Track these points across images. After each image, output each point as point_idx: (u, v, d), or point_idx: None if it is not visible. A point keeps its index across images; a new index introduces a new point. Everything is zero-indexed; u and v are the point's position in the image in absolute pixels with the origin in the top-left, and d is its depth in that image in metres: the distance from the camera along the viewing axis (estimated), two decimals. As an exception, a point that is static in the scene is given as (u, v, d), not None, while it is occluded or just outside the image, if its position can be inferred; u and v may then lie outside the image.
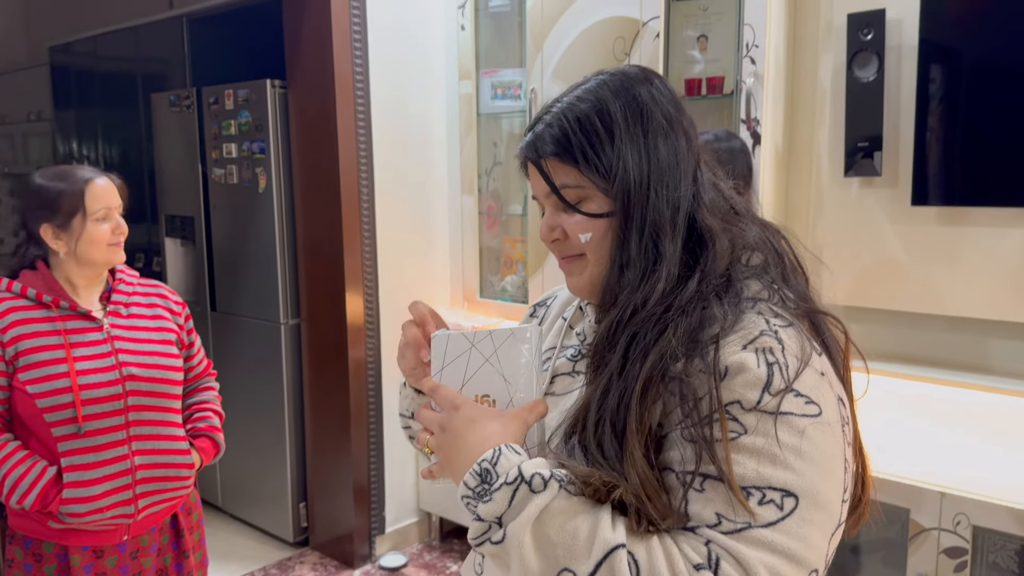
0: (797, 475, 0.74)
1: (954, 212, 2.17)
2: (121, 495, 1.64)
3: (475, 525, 0.76)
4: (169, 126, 3.56)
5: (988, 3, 2.04)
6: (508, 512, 0.74)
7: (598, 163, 0.86)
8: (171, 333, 1.78)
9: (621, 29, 2.52)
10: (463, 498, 0.78)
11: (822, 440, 0.76)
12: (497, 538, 0.74)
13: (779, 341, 0.79)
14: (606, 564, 0.71)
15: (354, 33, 2.86)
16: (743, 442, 0.74)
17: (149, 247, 4.04)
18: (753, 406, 0.75)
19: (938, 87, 2.12)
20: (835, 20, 2.29)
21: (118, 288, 1.75)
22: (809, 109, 2.39)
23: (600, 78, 0.90)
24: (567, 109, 0.89)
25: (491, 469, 0.77)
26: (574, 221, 0.89)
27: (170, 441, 1.73)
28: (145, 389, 1.68)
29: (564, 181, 0.88)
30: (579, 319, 1.01)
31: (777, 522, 0.72)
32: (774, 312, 0.83)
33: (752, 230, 0.90)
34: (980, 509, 1.95)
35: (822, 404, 0.78)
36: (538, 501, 0.74)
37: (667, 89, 0.91)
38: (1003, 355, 2.17)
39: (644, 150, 0.87)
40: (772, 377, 0.76)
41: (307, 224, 3.06)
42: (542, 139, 0.89)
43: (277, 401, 3.21)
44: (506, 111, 2.97)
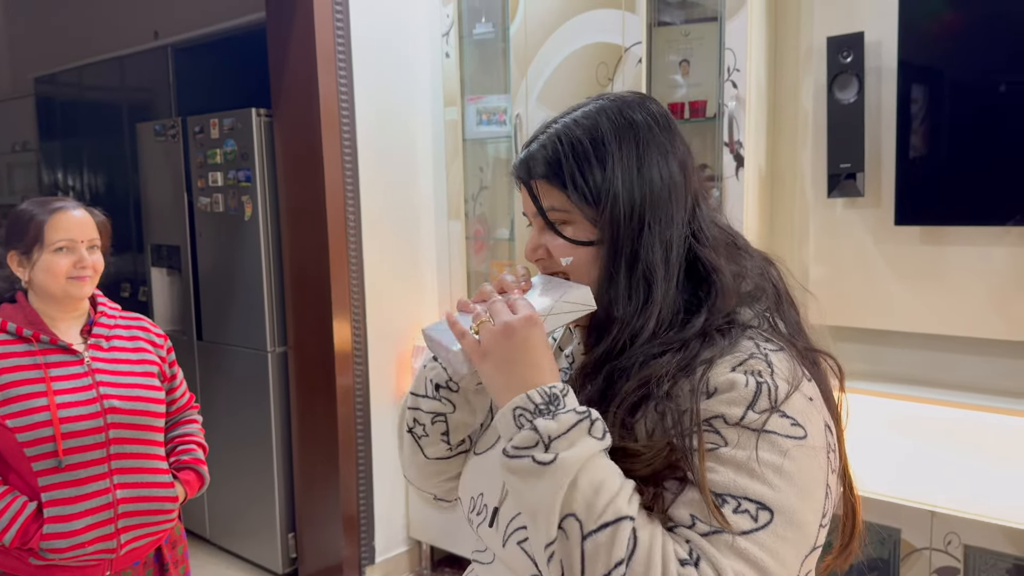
0: (774, 491, 0.74)
1: (937, 231, 2.19)
2: (103, 529, 1.62)
3: (524, 436, 0.76)
4: (154, 155, 3.55)
5: (965, 25, 2.07)
6: (560, 439, 0.75)
7: (586, 190, 0.87)
8: (153, 366, 1.76)
9: (604, 55, 2.54)
10: (516, 409, 0.78)
11: (805, 462, 0.77)
12: (544, 458, 0.74)
13: (768, 364, 0.80)
14: (611, 528, 0.72)
15: (339, 61, 2.87)
16: (722, 452, 0.76)
17: (135, 277, 4.02)
18: (736, 422, 0.76)
19: (918, 108, 2.14)
20: (815, 43, 2.32)
21: (99, 321, 1.73)
22: (791, 131, 2.41)
23: (599, 103, 0.91)
24: (562, 132, 0.89)
25: (560, 396, 0.78)
26: (557, 243, 0.90)
27: (152, 474, 1.70)
28: (127, 422, 1.66)
29: (551, 203, 0.89)
30: (568, 340, 1.01)
31: (750, 532, 0.73)
32: (765, 337, 0.84)
33: (752, 263, 0.91)
34: (971, 528, 1.95)
35: (808, 428, 0.78)
36: (593, 444, 0.76)
37: (664, 117, 0.91)
38: (989, 373, 2.17)
39: (638, 180, 0.87)
40: (758, 396, 0.77)
41: (293, 252, 3.05)
42: (534, 159, 0.90)
43: (264, 430, 3.18)
44: (492, 136, 2.99)
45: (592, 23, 2.56)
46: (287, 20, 2.88)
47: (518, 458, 0.76)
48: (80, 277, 1.65)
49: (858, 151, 2.22)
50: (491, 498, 0.92)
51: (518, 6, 2.74)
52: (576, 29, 2.60)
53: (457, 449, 1.01)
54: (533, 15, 2.70)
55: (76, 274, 1.65)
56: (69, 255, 1.64)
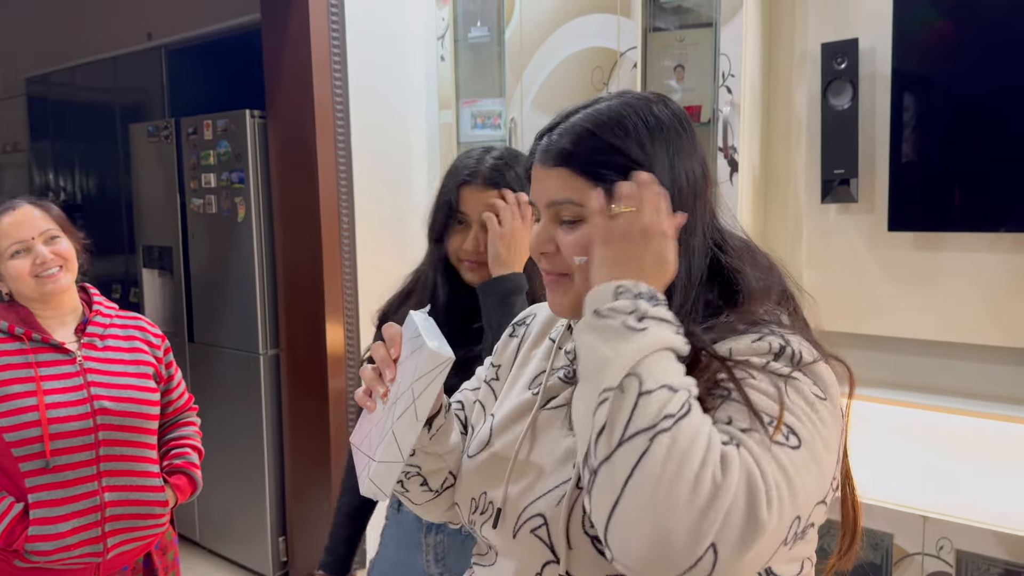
0: (803, 424, 0.74)
1: (931, 237, 2.20)
2: (89, 533, 1.60)
3: (623, 303, 0.75)
4: (147, 156, 3.54)
5: (959, 33, 2.08)
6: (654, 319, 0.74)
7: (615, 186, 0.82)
8: (148, 367, 1.74)
9: (599, 59, 2.54)
10: (619, 287, 0.76)
11: (827, 417, 0.76)
12: (635, 325, 0.73)
13: (786, 340, 0.80)
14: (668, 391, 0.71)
15: (334, 63, 2.87)
16: (754, 383, 0.75)
17: (126, 278, 4.00)
18: (762, 367, 0.76)
19: (912, 114, 2.15)
20: (809, 49, 2.33)
21: (94, 320, 1.71)
22: (785, 137, 2.42)
23: (623, 98, 0.87)
24: (590, 123, 0.84)
25: (662, 302, 0.77)
26: (570, 239, 0.85)
27: (143, 477, 1.68)
28: (117, 423, 1.63)
29: (570, 196, 0.84)
30: (567, 339, 0.99)
31: (781, 444, 0.72)
32: (780, 324, 0.84)
33: (762, 268, 0.90)
34: (963, 533, 1.95)
35: (828, 393, 0.78)
36: (680, 342, 0.75)
37: (685, 118, 0.88)
38: (982, 379, 2.18)
39: (668, 178, 0.83)
40: (781, 355, 0.77)
41: (286, 253, 3.04)
42: (559, 147, 0.85)
43: (256, 433, 3.16)
44: (486, 140, 2.98)
45: (587, 28, 2.56)
46: (282, 21, 2.88)
47: (608, 318, 0.74)
48: (47, 274, 1.62)
49: (852, 157, 2.23)
50: (496, 498, 0.91)
51: (513, 10, 2.74)
52: (571, 34, 2.61)
53: (443, 489, 1.01)
54: (528, 19, 2.71)
55: (40, 272, 1.61)
56: (27, 256, 1.61)
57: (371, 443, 0.91)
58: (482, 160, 1.44)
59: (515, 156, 1.47)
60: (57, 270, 1.63)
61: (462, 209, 1.42)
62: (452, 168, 1.47)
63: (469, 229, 1.43)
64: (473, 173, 1.42)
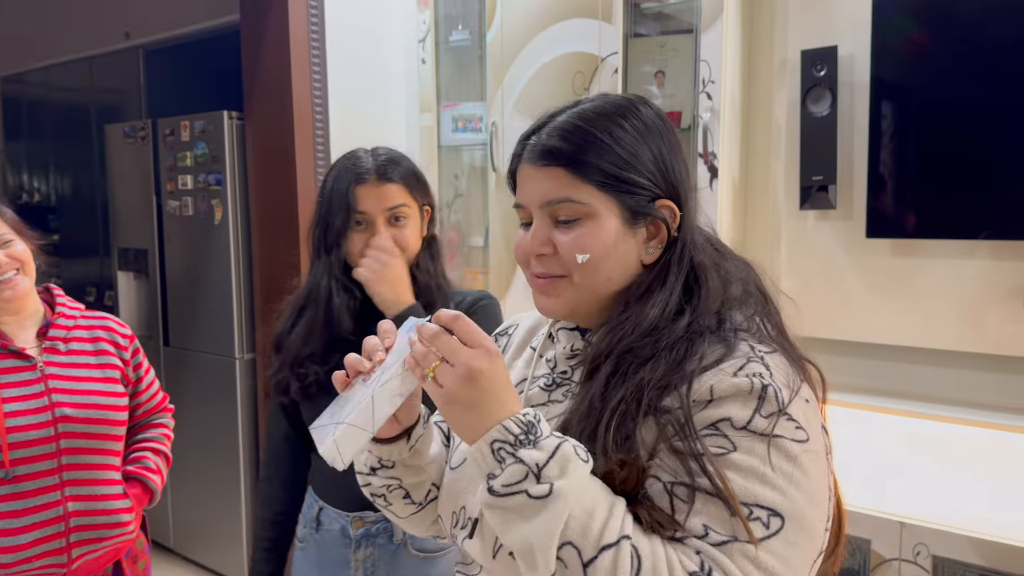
0: (785, 497, 0.73)
1: (908, 244, 2.21)
2: (52, 544, 1.55)
3: (512, 471, 0.72)
4: (123, 158, 3.49)
5: (938, 41, 2.10)
6: (549, 466, 0.71)
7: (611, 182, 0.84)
8: (115, 370, 1.69)
9: (580, 64, 2.54)
10: (495, 443, 0.74)
11: (812, 468, 0.76)
12: (539, 491, 0.70)
13: (767, 367, 0.79)
14: (612, 551, 0.69)
15: (313, 64, 2.85)
16: (733, 458, 0.74)
17: (101, 280, 3.95)
18: (744, 425, 0.75)
19: (890, 122, 2.16)
20: (789, 56, 2.34)
21: (56, 323, 1.65)
22: (765, 143, 2.43)
23: (608, 99, 0.88)
24: (580, 122, 0.85)
25: (535, 423, 0.75)
26: (570, 238, 0.84)
27: (108, 486, 1.63)
28: (80, 431, 1.58)
29: (567, 195, 0.84)
30: (548, 347, 0.98)
31: (763, 539, 0.71)
32: (758, 339, 0.83)
33: (733, 267, 0.90)
34: (940, 539, 1.96)
35: (810, 431, 0.77)
36: (583, 468, 0.73)
37: (666, 118, 0.90)
38: (958, 385, 2.19)
39: (660, 175, 0.86)
40: (764, 400, 0.76)
41: (264, 256, 3.01)
42: (549, 145, 0.85)
43: (231, 438, 3.13)
44: (467, 144, 2.97)
45: (569, 33, 2.56)
46: (260, 22, 2.85)
47: (510, 495, 0.71)
48: (3, 279, 1.56)
49: (830, 164, 2.24)
50: (473, 510, 0.90)
51: (495, 14, 2.74)
52: (553, 38, 2.60)
53: (427, 501, 0.99)
54: (510, 23, 2.70)
55: None
56: None
57: (340, 414, 0.86)
58: (370, 158, 1.45)
59: (399, 154, 1.50)
60: (14, 274, 1.58)
61: (361, 209, 1.42)
62: (339, 170, 1.46)
63: (371, 228, 1.43)
64: (367, 171, 1.43)
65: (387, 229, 1.43)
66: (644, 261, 0.88)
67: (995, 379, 2.14)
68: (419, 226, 1.50)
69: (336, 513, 1.47)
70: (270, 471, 1.58)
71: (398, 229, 1.44)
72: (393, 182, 1.43)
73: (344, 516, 1.47)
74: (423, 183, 1.52)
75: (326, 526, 1.49)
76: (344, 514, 1.47)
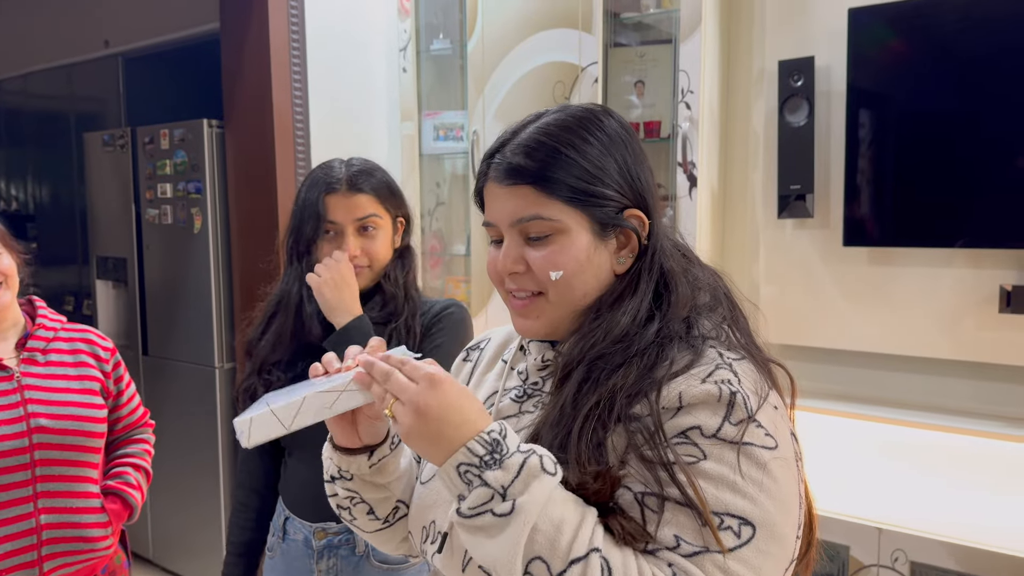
0: (756, 505, 0.73)
1: (885, 252, 2.23)
2: (23, 557, 1.53)
3: (477, 494, 0.72)
4: (102, 166, 3.47)
5: (913, 51, 2.13)
6: (514, 484, 0.71)
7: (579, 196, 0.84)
8: (95, 381, 1.67)
9: (561, 74, 2.55)
10: (460, 466, 0.74)
11: (781, 475, 0.76)
12: (503, 509, 0.71)
13: (735, 374, 0.79)
14: (581, 564, 0.69)
15: (294, 73, 2.84)
16: (703, 467, 0.74)
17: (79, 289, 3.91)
18: (713, 433, 0.75)
19: (866, 131, 2.19)
20: (767, 67, 2.36)
21: (36, 334, 1.64)
22: (743, 152, 2.45)
23: (569, 111, 0.88)
24: (539, 135, 0.85)
25: (501, 440, 0.74)
26: (542, 256, 0.85)
27: (83, 499, 1.60)
28: (56, 442, 1.56)
29: (538, 212, 0.84)
30: (520, 359, 0.98)
31: (734, 549, 0.71)
32: (726, 346, 0.84)
33: (701, 273, 0.90)
34: (917, 545, 1.97)
35: (779, 438, 0.78)
36: (548, 481, 0.72)
37: (629, 128, 0.91)
38: (934, 391, 2.22)
39: (627, 186, 0.86)
40: (733, 407, 0.76)
41: (243, 265, 2.99)
42: (514, 163, 0.85)
43: (211, 448, 3.10)
44: (448, 152, 2.98)
45: (549, 42, 2.57)
46: (241, 31, 2.85)
47: (476, 516, 0.72)
48: None
49: (807, 173, 2.26)
50: (442, 524, 0.89)
51: (476, 23, 2.75)
52: (533, 48, 2.61)
53: (395, 519, 0.99)
54: (491, 33, 2.71)
55: None
56: None
57: (277, 398, 0.87)
58: (343, 168, 1.48)
59: (373, 165, 1.52)
60: None
61: (332, 218, 1.44)
62: (312, 180, 1.48)
63: (340, 237, 1.45)
64: (337, 181, 1.45)
65: (356, 239, 1.44)
66: (616, 271, 0.88)
67: (971, 385, 2.17)
68: (390, 237, 1.51)
69: (301, 523, 1.48)
70: (242, 478, 1.60)
71: (367, 239, 1.46)
72: (363, 192, 1.45)
73: (308, 527, 1.47)
74: (397, 194, 1.53)
75: (291, 535, 1.49)
76: (308, 524, 1.47)
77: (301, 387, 0.89)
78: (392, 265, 1.51)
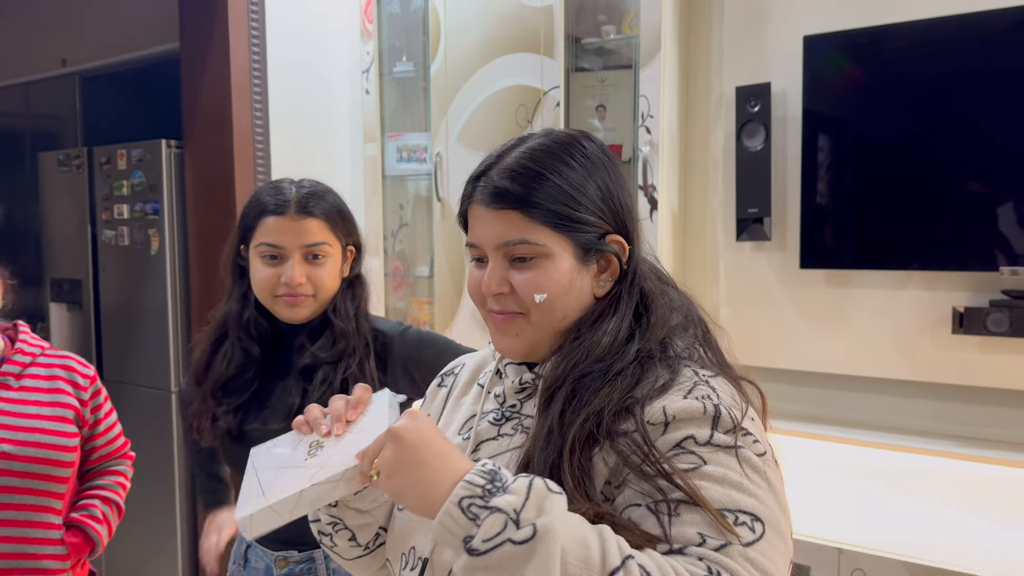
0: (762, 504, 0.74)
1: (841, 275, 2.27)
2: None
3: (490, 522, 0.67)
4: (57, 186, 3.41)
5: (866, 76, 2.17)
6: (527, 507, 0.67)
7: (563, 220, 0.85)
8: (68, 409, 1.62)
9: (523, 97, 2.57)
10: (463, 500, 0.69)
11: (774, 477, 0.78)
12: (523, 536, 0.66)
13: (713, 389, 0.81)
14: (621, 574, 0.66)
15: (254, 93, 2.82)
16: (706, 471, 0.75)
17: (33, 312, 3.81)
18: (706, 441, 0.76)
19: (823, 156, 2.23)
20: (724, 92, 2.40)
21: (11, 358, 1.61)
22: (702, 176, 2.48)
23: (553, 136, 0.89)
24: (525, 159, 0.86)
25: (496, 470, 0.72)
26: (526, 278, 0.86)
27: (42, 529, 1.55)
28: (17, 470, 1.51)
29: (523, 236, 0.85)
30: (496, 383, 0.98)
31: (753, 542, 0.72)
32: (700, 364, 0.86)
33: (676, 295, 0.93)
34: (877, 564, 1.99)
35: (765, 444, 0.80)
36: (559, 500, 0.69)
37: (608, 151, 0.92)
38: (891, 412, 2.25)
39: (608, 210, 0.88)
40: (719, 418, 0.77)
41: (201, 287, 2.94)
42: (500, 187, 0.86)
43: (167, 475, 3.03)
44: (412, 174, 2.97)
45: (512, 66, 2.59)
46: (201, 51, 2.83)
47: (493, 549, 0.66)
48: None
49: (765, 196, 2.29)
50: (422, 550, 0.88)
51: (439, 46, 2.76)
52: (496, 71, 2.63)
53: (375, 545, 0.98)
54: (453, 56, 2.72)
55: None
56: None
57: (271, 478, 0.86)
58: (292, 189, 1.39)
59: (325, 188, 1.44)
60: None
61: (276, 242, 1.35)
62: (255, 198, 1.41)
63: (283, 262, 1.36)
64: (285, 203, 1.36)
65: (301, 265, 1.36)
66: (596, 294, 0.90)
67: (927, 405, 2.20)
68: (339, 266, 1.43)
69: (263, 551, 1.45)
70: None
71: (314, 267, 1.38)
72: (313, 217, 1.37)
73: (269, 555, 1.44)
74: (348, 220, 1.45)
75: (252, 564, 1.46)
76: (270, 553, 1.44)
77: (288, 455, 0.87)
78: (341, 296, 1.43)
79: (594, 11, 2.55)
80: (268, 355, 1.41)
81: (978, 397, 2.12)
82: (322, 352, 1.37)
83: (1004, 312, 1.97)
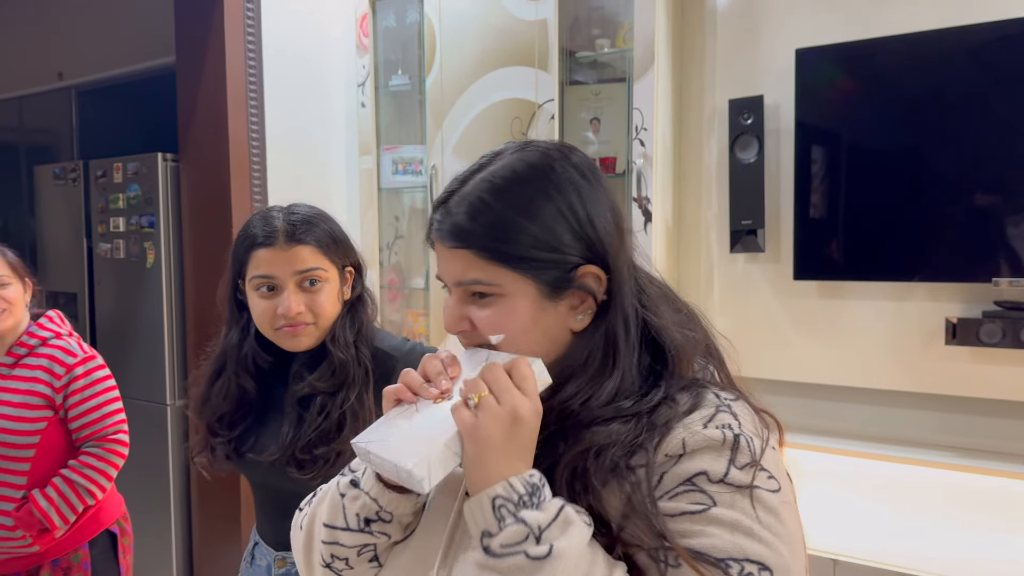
0: (772, 551, 0.71)
1: (835, 286, 2.28)
2: None
3: (512, 531, 0.69)
4: (53, 199, 3.41)
5: (858, 89, 2.19)
6: (552, 527, 0.69)
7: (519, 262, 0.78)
8: (37, 397, 1.83)
9: (518, 110, 2.58)
10: (497, 499, 0.70)
11: (788, 518, 0.75)
12: (539, 552, 0.68)
13: (734, 416, 0.77)
14: None
15: (250, 107, 2.83)
16: (715, 514, 0.72)
17: (27, 325, 3.81)
18: (720, 478, 0.73)
19: (816, 167, 2.24)
20: (718, 105, 2.42)
21: (12, 351, 1.86)
22: (696, 188, 2.50)
23: (520, 155, 0.82)
24: (484, 191, 0.79)
25: (540, 487, 0.72)
26: (485, 316, 0.80)
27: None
28: None
29: (476, 276, 0.79)
30: None
31: None
32: (721, 386, 0.82)
33: (687, 314, 0.87)
34: (871, 576, 1.99)
35: (780, 480, 0.76)
36: (585, 530, 0.71)
37: (590, 168, 0.83)
38: (885, 422, 2.25)
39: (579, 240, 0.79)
40: (738, 450, 0.74)
41: (197, 301, 2.95)
42: (455, 224, 0.80)
43: (162, 488, 3.02)
44: (407, 186, 2.98)
45: (506, 80, 2.60)
46: (198, 64, 2.84)
47: (508, 556, 0.69)
48: None
49: (758, 208, 2.30)
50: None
51: (434, 60, 2.77)
52: (491, 84, 2.64)
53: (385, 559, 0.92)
54: (449, 69, 2.74)
55: None
56: None
57: (421, 435, 0.77)
58: (281, 217, 1.36)
59: (318, 213, 1.40)
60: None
61: (269, 272, 1.32)
62: (246, 231, 1.37)
63: (279, 293, 1.33)
64: (273, 233, 1.33)
65: (298, 294, 1.32)
66: (573, 328, 0.82)
67: (921, 416, 2.21)
68: (338, 289, 1.39)
69: (267, 550, 1.45)
70: None
71: (311, 294, 1.34)
72: (304, 244, 1.33)
73: (271, 554, 1.44)
74: (342, 243, 1.42)
75: (257, 561, 1.46)
76: (272, 552, 1.44)
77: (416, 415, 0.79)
78: (340, 323, 1.38)
79: (588, 25, 2.57)
80: (265, 387, 1.40)
81: (971, 408, 2.13)
82: (320, 383, 1.34)
83: (997, 323, 1.98)
